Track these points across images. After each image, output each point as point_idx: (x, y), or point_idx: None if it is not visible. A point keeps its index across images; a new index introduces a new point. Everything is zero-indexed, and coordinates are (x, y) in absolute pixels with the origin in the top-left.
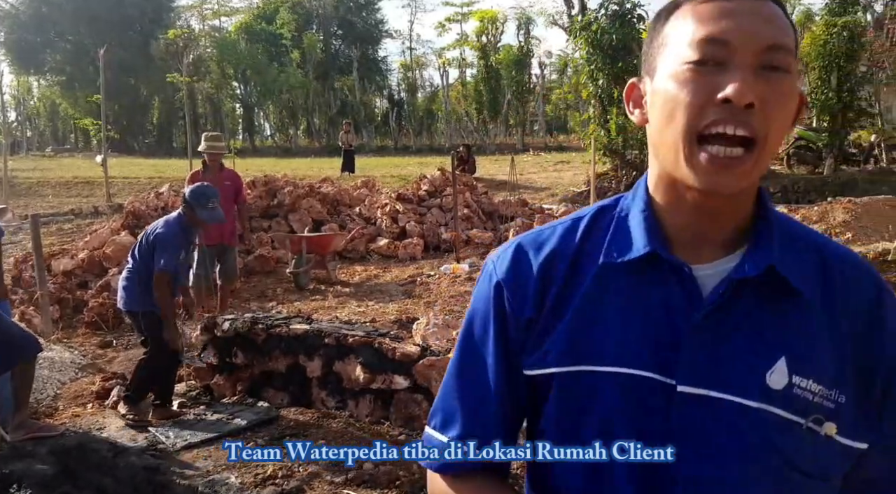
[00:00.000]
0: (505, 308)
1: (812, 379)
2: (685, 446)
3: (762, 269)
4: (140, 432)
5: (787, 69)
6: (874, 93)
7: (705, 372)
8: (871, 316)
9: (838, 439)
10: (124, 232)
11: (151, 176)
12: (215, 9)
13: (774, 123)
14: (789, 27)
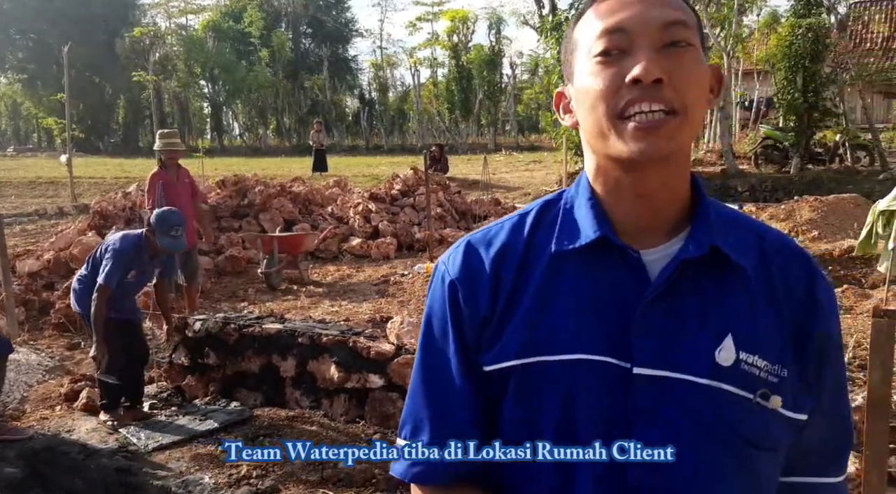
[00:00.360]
0: (461, 306)
1: (758, 355)
2: (643, 427)
3: (706, 249)
4: (111, 434)
5: (688, 42)
6: (838, 93)
7: (658, 353)
8: (805, 294)
9: (783, 411)
10: (91, 232)
11: (118, 176)
12: (181, 6)
13: (688, 93)
14: (686, 7)
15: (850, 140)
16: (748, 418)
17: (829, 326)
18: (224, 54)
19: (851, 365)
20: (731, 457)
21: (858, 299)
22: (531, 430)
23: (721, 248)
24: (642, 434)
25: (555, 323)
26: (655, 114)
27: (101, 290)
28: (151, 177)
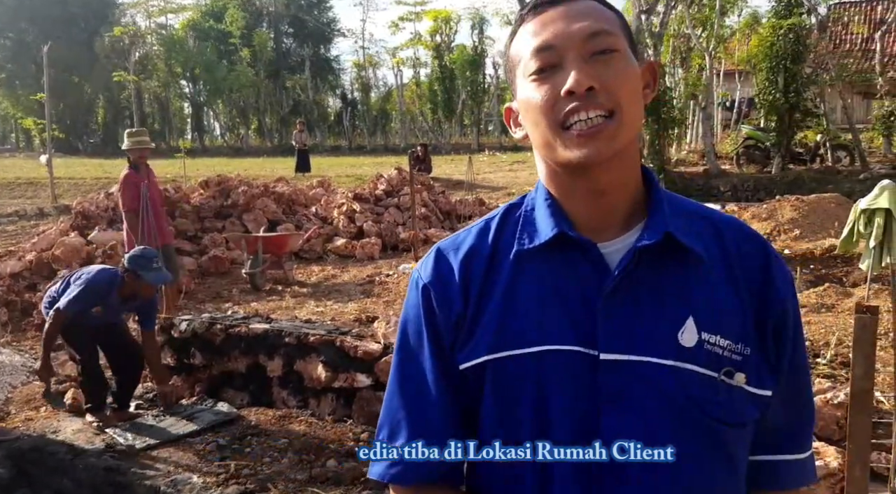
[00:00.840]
0: (434, 309)
1: (720, 335)
2: (612, 409)
3: (660, 236)
4: (97, 434)
5: (614, 48)
6: (819, 94)
7: (622, 338)
8: (761, 274)
9: (748, 388)
10: (73, 233)
11: (98, 176)
12: (161, 5)
13: (621, 95)
14: (608, 14)
15: (830, 140)
16: (714, 395)
17: (785, 304)
18: (205, 54)
19: (833, 363)
20: (700, 434)
21: (840, 297)
22: (509, 421)
23: (674, 235)
24: (612, 416)
25: (522, 318)
26: (594, 119)
27: (57, 315)
28: (124, 179)
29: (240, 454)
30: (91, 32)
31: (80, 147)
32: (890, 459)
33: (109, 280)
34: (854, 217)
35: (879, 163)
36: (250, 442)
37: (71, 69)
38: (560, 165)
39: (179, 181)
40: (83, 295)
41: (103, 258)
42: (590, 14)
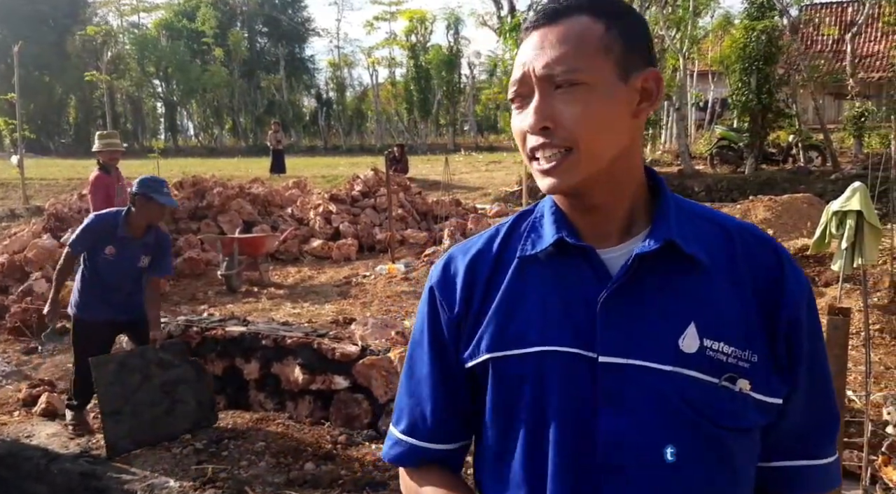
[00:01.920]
0: (437, 309)
1: (723, 342)
2: (609, 409)
3: (661, 243)
4: (72, 438)
5: (574, 82)
6: (791, 94)
7: (622, 342)
8: (772, 280)
9: (754, 395)
10: (46, 235)
11: (70, 177)
12: (133, 4)
13: (580, 132)
14: (587, 36)
15: (802, 140)
16: (714, 401)
17: (798, 311)
18: (178, 53)
19: None
20: (699, 438)
21: None
22: (507, 420)
23: (676, 242)
24: (609, 418)
25: (523, 320)
26: (550, 157)
27: (66, 253)
28: (95, 181)
29: (217, 457)
30: (62, 31)
31: (51, 147)
32: (862, 457)
33: (114, 212)
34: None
35: (850, 163)
36: (227, 446)
37: (42, 68)
38: None
39: None
40: (88, 227)
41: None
42: (565, 41)
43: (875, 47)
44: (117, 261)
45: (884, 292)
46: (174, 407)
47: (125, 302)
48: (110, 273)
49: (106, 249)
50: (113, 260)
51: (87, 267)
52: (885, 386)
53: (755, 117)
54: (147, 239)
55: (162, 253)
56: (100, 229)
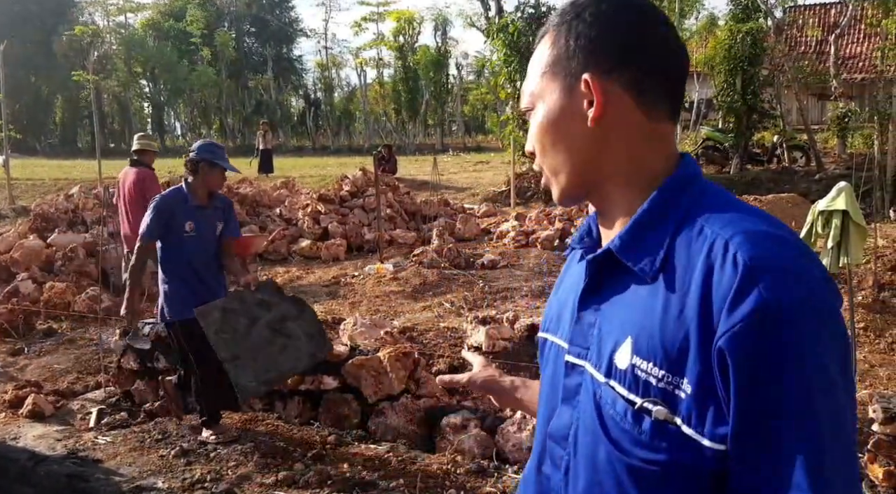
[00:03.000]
0: None
1: (652, 363)
2: (564, 405)
3: (604, 250)
4: (59, 440)
5: (531, 107)
6: (775, 95)
7: (580, 344)
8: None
9: (683, 428)
10: (32, 235)
11: (57, 177)
12: (120, 4)
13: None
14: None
15: (787, 141)
16: (625, 420)
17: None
18: (165, 53)
19: None
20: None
21: None
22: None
23: (613, 251)
24: (560, 412)
25: (551, 307)
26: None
27: (140, 244)
28: (151, 177)
29: (205, 458)
30: (48, 31)
31: (37, 147)
32: None
33: (175, 189)
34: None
35: (834, 163)
36: (216, 446)
37: (28, 68)
38: None
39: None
40: (157, 210)
41: (63, 261)
42: (533, 63)
43: (858, 49)
44: (199, 235)
45: (867, 291)
46: (287, 344)
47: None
48: (195, 250)
49: (186, 225)
50: (195, 235)
51: (171, 256)
52: (869, 384)
53: (740, 118)
54: (217, 203)
55: (230, 215)
56: (169, 207)
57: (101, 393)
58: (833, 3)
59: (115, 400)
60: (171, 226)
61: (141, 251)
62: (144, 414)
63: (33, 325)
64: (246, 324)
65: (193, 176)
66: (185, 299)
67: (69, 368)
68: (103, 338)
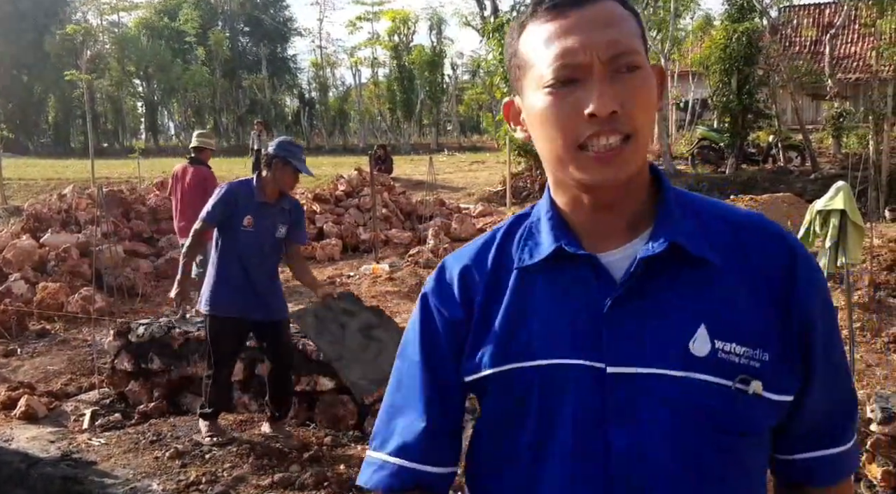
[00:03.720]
0: (432, 317)
1: (735, 343)
2: (619, 423)
3: (666, 246)
4: (52, 442)
5: (638, 65)
6: (771, 95)
7: (629, 350)
8: (784, 276)
9: (766, 395)
10: (25, 236)
11: (49, 177)
12: (113, 3)
13: (640, 117)
14: (630, 21)
15: (782, 141)
16: (728, 405)
17: (812, 308)
18: (159, 52)
19: None
20: (711, 445)
21: None
22: (509, 433)
23: (680, 243)
24: (619, 430)
25: (528, 332)
26: (612, 143)
27: (198, 226)
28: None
29: (200, 460)
30: (41, 30)
31: (30, 147)
32: None
33: (246, 179)
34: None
35: (829, 163)
36: (211, 448)
37: (20, 68)
38: (572, 181)
39: (134, 182)
40: (223, 196)
41: (57, 261)
42: (615, 23)
43: (852, 49)
44: (256, 232)
45: (864, 290)
46: (381, 349)
47: (260, 296)
48: (249, 246)
49: (244, 219)
50: (252, 232)
51: (223, 246)
52: (866, 384)
53: (736, 117)
54: (284, 204)
55: (299, 220)
56: (234, 197)
57: (95, 394)
58: (828, 2)
59: (108, 401)
60: (232, 216)
61: (198, 233)
62: (138, 416)
63: (26, 326)
64: (338, 329)
65: (267, 171)
66: (224, 294)
67: (62, 369)
68: (97, 339)
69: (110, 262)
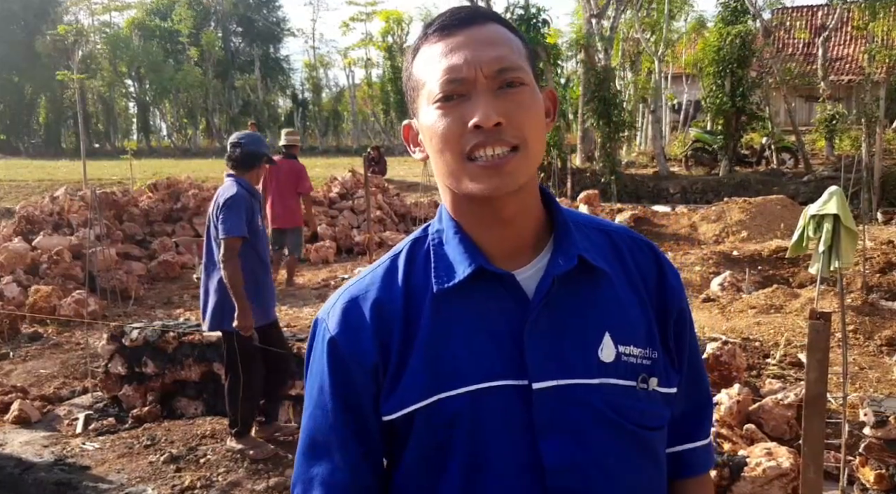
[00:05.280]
0: (344, 363)
1: (632, 345)
2: (549, 437)
3: (574, 261)
4: (46, 446)
5: (521, 82)
6: (764, 97)
7: (550, 364)
8: (657, 279)
9: (660, 390)
10: (17, 238)
11: (41, 178)
12: (105, 3)
13: (527, 129)
14: (516, 43)
15: (775, 143)
16: (637, 404)
17: (681, 303)
18: (151, 53)
19: (783, 363)
20: (632, 444)
21: (788, 298)
22: (439, 462)
23: (585, 257)
24: (549, 443)
25: (451, 359)
26: (499, 154)
27: (228, 244)
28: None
29: (195, 464)
30: (32, 31)
31: (21, 148)
32: (839, 458)
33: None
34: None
35: (822, 165)
36: (205, 452)
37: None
38: (464, 195)
39: (126, 183)
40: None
41: (49, 264)
42: (500, 43)
43: (845, 51)
44: (262, 230)
45: (856, 293)
46: None
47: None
48: (263, 246)
49: (257, 220)
50: (262, 230)
51: (249, 255)
52: (859, 387)
53: (729, 120)
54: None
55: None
56: (248, 203)
57: (89, 398)
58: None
59: (102, 405)
60: (250, 222)
61: (235, 251)
62: (132, 420)
63: (18, 329)
64: None
65: (249, 171)
66: (264, 301)
67: (55, 373)
68: (90, 342)
69: (103, 265)
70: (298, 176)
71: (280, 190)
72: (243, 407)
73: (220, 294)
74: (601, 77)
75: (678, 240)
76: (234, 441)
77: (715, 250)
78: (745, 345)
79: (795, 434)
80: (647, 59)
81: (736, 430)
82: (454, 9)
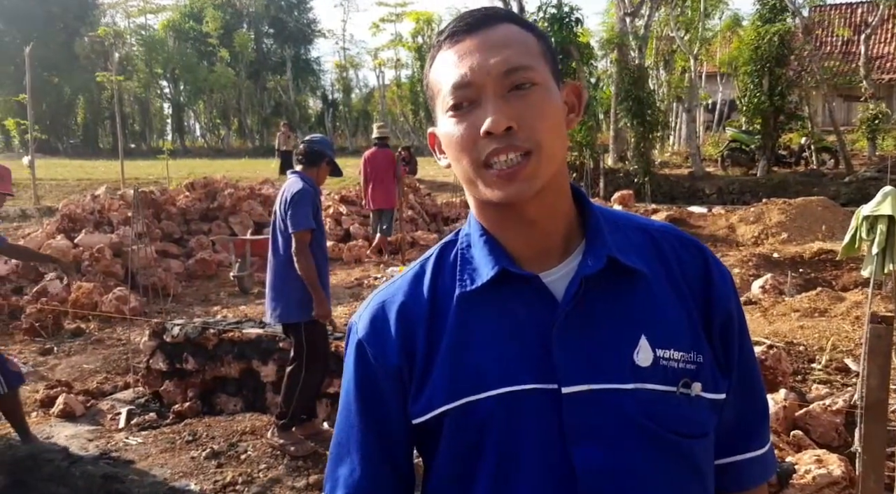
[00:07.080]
0: (369, 365)
1: (673, 348)
2: (580, 443)
3: (603, 262)
4: (91, 440)
5: (532, 82)
6: (803, 96)
7: (581, 368)
8: (703, 279)
9: (705, 395)
10: (60, 235)
11: (80, 178)
12: (140, 6)
13: (540, 131)
14: (528, 41)
15: (815, 143)
16: (676, 410)
17: (729, 305)
18: (185, 54)
19: (828, 368)
20: (668, 452)
21: (832, 302)
22: (469, 466)
23: (617, 257)
24: (580, 448)
25: (477, 363)
26: (513, 160)
27: (300, 237)
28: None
29: (236, 460)
30: (71, 33)
31: (60, 148)
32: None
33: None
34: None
35: (864, 165)
36: (246, 449)
37: (51, 70)
38: (484, 200)
39: (162, 182)
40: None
41: (91, 261)
42: (508, 44)
43: (886, 48)
44: (324, 226)
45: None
46: None
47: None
48: (325, 241)
49: (321, 214)
50: (323, 226)
51: (317, 249)
52: None
53: (767, 119)
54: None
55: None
56: (314, 198)
57: (130, 393)
58: (860, 1)
59: (143, 400)
60: (316, 216)
61: (304, 244)
62: (173, 415)
63: (62, 325)
64: None
65: (313, 168)
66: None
67: (98, 368)
68: (131, 338)
69: (142, 263)
70: (391, 162)
71: (378, 175)
72: (298, 400)
73: (290, 286)
74: (635, 76)
75: (716, 241)
76: (277, 434)
77: (754, 252)
78: (789, 350)
79: (844, 442)
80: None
81: (783, 436)
82: (465, 13)
